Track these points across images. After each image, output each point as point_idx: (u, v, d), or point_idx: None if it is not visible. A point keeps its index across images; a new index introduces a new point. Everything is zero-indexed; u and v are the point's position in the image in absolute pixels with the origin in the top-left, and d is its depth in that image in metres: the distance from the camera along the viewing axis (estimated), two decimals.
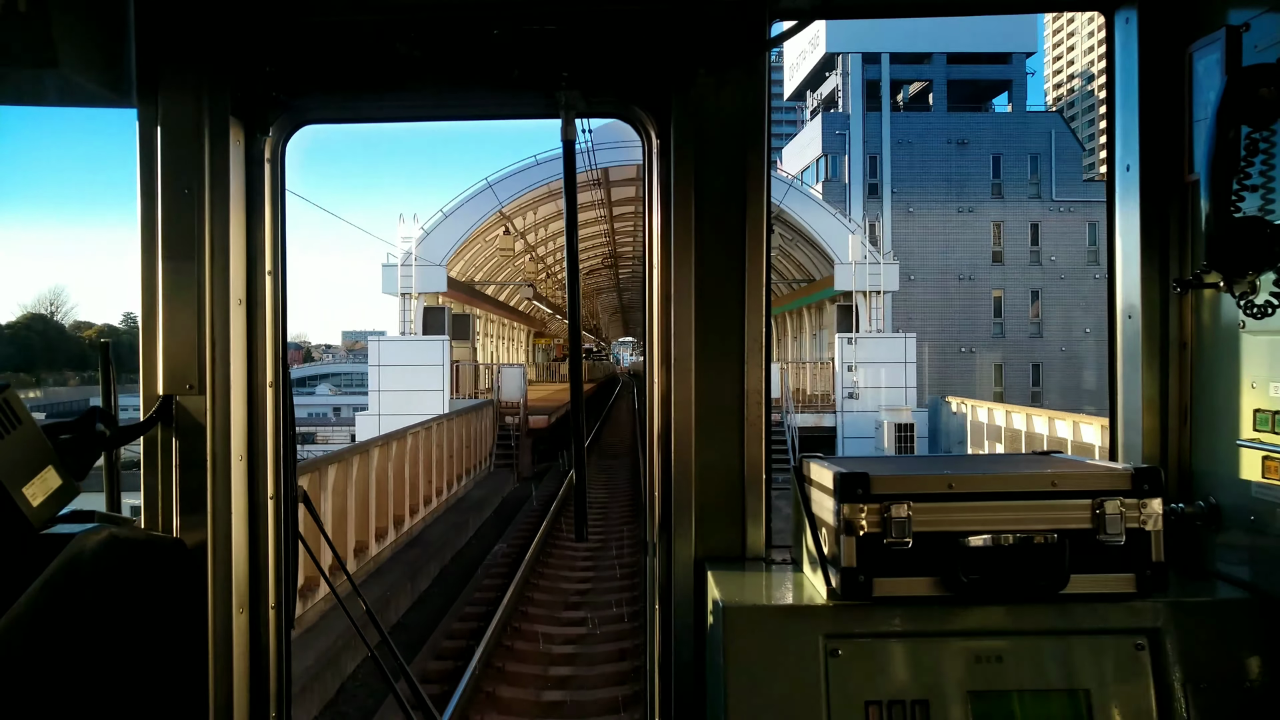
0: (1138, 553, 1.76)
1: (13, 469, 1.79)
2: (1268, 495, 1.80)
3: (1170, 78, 2.03)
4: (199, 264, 2.21)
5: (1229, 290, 1.77)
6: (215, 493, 2.23)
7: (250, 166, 2.31)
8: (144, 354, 2.23)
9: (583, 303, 13.49)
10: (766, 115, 2.23)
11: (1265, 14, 1.78)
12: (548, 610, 10.84)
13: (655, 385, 2.29)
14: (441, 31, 2.23)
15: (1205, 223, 1.70)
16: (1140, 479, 1.78)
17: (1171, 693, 1.73)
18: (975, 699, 1.73)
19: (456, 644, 9.39)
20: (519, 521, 16.56)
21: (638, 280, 53.03)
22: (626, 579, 11.99)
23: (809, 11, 2.23)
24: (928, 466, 1.90)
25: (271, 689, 2.38)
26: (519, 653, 9.20)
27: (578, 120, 2.27)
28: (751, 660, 1.76)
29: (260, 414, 2.35)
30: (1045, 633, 1.77)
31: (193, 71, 2.19)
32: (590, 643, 9.56)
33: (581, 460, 2.24)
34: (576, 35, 2.23)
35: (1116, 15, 2.15)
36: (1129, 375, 2.14)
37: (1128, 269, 2.13)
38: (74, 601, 1.82)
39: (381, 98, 2.30)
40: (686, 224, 2.21)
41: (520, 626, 10.03)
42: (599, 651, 9.21)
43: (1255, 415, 1.83)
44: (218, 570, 2.24)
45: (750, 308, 2.22)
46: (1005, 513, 1.76)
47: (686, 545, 2.22)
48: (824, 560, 1.85)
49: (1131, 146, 2.10)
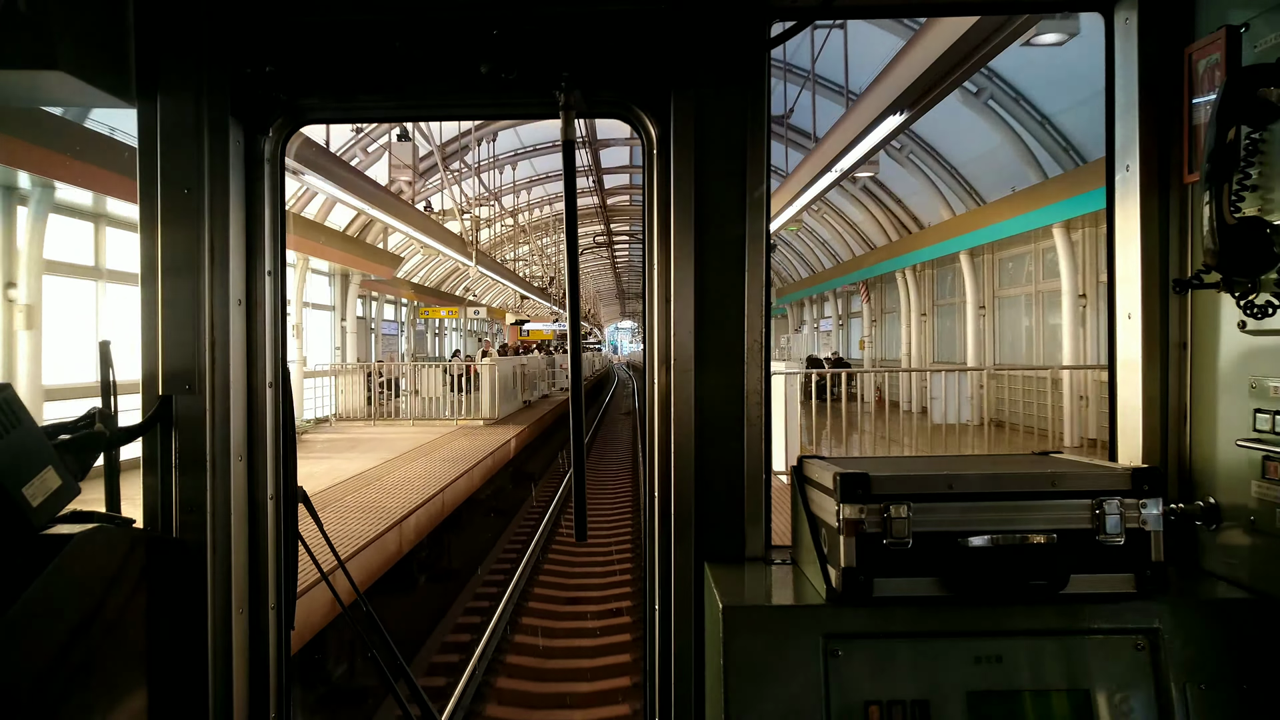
0: (1138, 553, 1.76)
1: (13, 469, 1.79)
2: (1268, 495, 1.80)
3: (1170, 78, 2.03)
4: (198, 264, 2.21)
5: (1229, 290, 1.77)
6: (215, 493, 2.23)
7: (250, 166, 2.32)
8: (144, 354, 2.23)
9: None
10: (767, 115, 2.23)
11: (1265, 14, 1.78)
12: None
13: (655, 385, 2.29)
14: (441, 31, 2.23)
15: (1205, 223, 1.70)
16: (1140, 479, 1.78)
17: (1171, 693, 1.73)
18: (975, 699, 1.73)
19: None
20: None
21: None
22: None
23: (809, 11, 2.23)
24: (928, 466, 1.90)
25: (271, 689, 2.38)
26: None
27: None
28: (751, 660, 1.76)
29: (260, 414, 2.35)
30: (1045, 633, 1.77)
31: (192, 71, 2.19)
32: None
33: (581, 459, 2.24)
34: (576, 35, 2.23)
35: (1116, 15, 2.15)
36: (1129, 375, 2.14)
37: (1128, 269, 2.13)
38: (74, 602, 1.82)
39: (381, 98, 2.30)
40: (687, 223, 2.21)
41: None
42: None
43: (1255, 415, 1.83)
44: (217, 570, 2.24)
45: (751, 307, 2.22)
46: (1005, 513, 1.76)
47: (686, 545, 2.22)
48: (824, 560, 1.85)
49: (1131, 146, 2.10)
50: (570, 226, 2.29)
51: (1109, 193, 2.19)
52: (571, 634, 9.56)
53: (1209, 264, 1.73)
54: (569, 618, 10.07)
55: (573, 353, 2.43)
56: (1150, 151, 2.07)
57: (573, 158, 2.29)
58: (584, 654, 8.96)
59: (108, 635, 1.93)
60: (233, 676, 2.27)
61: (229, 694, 2.26)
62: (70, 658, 1.80)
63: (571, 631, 9.63)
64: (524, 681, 8.31)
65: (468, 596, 11.08)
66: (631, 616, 9.80)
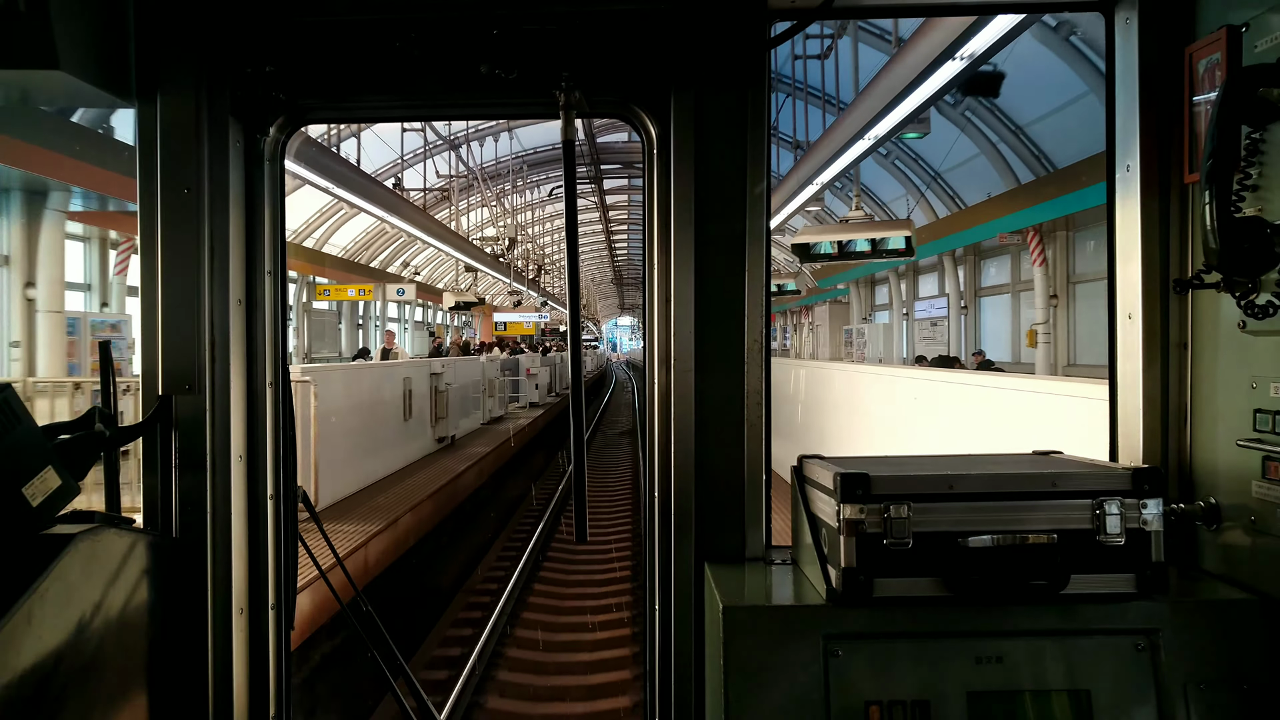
0: (1138, 553, 1.76)
1: (13, 469, 1.79)
2: (1268, 495, 1.80)
3: (1170, 78, 2.03)
4: (198, 264, 2.21)
5: (1229, 290, 1.77)
6: (215, 493, 2.23)
7: (250, 166, 2.32)
8: (144, 354, 2.23)
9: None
10: (767, 114, 2.23)
11: (1265, 14, 1.78)
12: None
13: (655, 385, 2.29)
14: (441, 31, 2.23)
15: (1205, 223, 1.70)
16: (1140, 479, 1.78)
17: (1172, 693, 1.73)
18: (975, 699, 1.73)
19: None
20: None
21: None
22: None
23: (809, 11, 2.23)
24: (928, 466, 1.90)
25: (271, 689, 2.38)
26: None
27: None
28: (751, 660, 1.76)
29: (259, 414, 2.35)
30: (1045, 633, 1.77)
31: (192, 71, 2.19)
32: None
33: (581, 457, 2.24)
34: (576, 35, 2.23)
35: (1116, 15, 2.15)
36: (1129, 375, 2.14)
37: (1128, 269, 2.13)
38: (73, 602, 1.82)
39: (381, 98, 2.30)
40: (687, 223, 2.21)
41: None
42: None
43: (1255, 415, 1.83)
44: (217, 570, 2.24)
45: (751, 307, 2.22)
46: (1005, 513, 1.76)
47: (686, 545, 2.22)
48: (824, 560, 1.85)
49: (1131, 146, 2.10)
50: (570, 228, 2.29)
51: (1109, 193, 2.19)
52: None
53: (1209, 264, 1.73)
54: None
55: (573, 353, 2.45)
56: (1150, 151, 2.07)
57: (573, 158, 2.29)
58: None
59: (108, 635, 1.93)
60: (233, 676, 2.27)
61: (229, 694, 2.26)
62: (70, 658, 1.80)
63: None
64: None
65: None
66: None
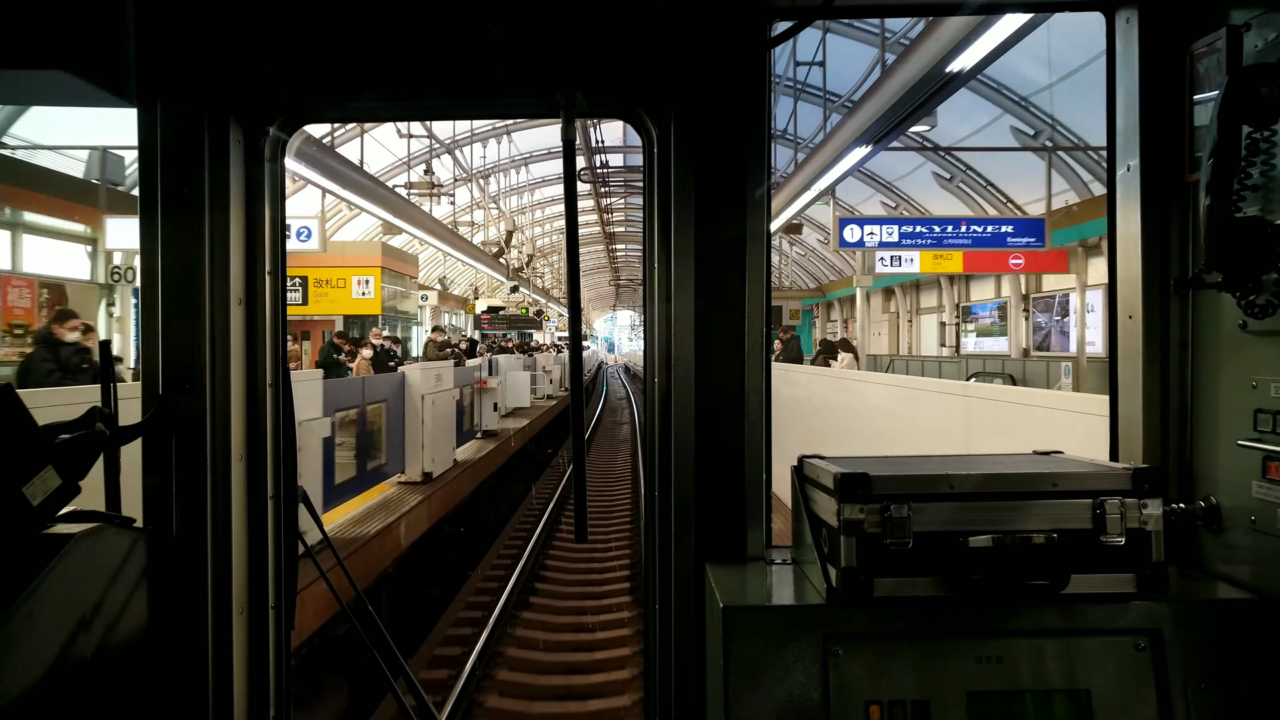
0: (1138, 553, 1.76)
1: (13, 469, 1.79)
2: (1268, 495, 1.79)
3: (1170, 78, 2.03)
4: (198, 264, 2.20)
5: (1229, 290, 1.77)
6: (215, 493, 2.23)
7: (250, 166, 2.31)
8: (144, 353, 2.23)
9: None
10: (767, 114, 2.23)
11: (1265, 14, 1.77)
12: None
13: (655, 384, 2.29)
14: (441, 31, 2.23)
15: (1206, 223, 1.69)
16: (1140, 479, 1.78)
17: (1172, 693, 1.72)
18: (976, 699, 1.73)
19: None
20: None
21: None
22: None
23: (809, 11, 2.23)
24: (928, 466, 1.90)
25: (271, 689, 2.38)
26: None
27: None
28: (751, 660, 1.76)
29: (260, 414, 2.35)
30: (1046, 633, 1.77)
31: (193, 71, 2.19)
32: None
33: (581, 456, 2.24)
34: (576, 35, 2.23)
35: (1116, 15, 2.15)
36: (1129, 375, 2.14)
37: (1128, 269, 2.12)
38: (74, 601, 1.82)
39: (381, 98, 2.30)
40: (687, 223, 2.21)
41: None
42: None
43: (1256, 415, 1.83)
44: (217, 570, 2.24)
45: (751, 307, 2.21)
46: (1006, 513, 1.76)
47: (686, 545, 2.22)
48: (824, 560, 1.85)
49: (1131, 146, 2.10)
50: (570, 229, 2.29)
51: (1110, 192, 2.18)
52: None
53: (1210, 264, 1.73)
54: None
55: (572, 353, 2.46)
56: (1151, 151, 2.07)
57: (573, 158, 2.29)
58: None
59: (107, 635, 1.93)
60: (232, 677, 2.27)
61: (229, 694, 2.26)
62: (70, 658, 1.80)
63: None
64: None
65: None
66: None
